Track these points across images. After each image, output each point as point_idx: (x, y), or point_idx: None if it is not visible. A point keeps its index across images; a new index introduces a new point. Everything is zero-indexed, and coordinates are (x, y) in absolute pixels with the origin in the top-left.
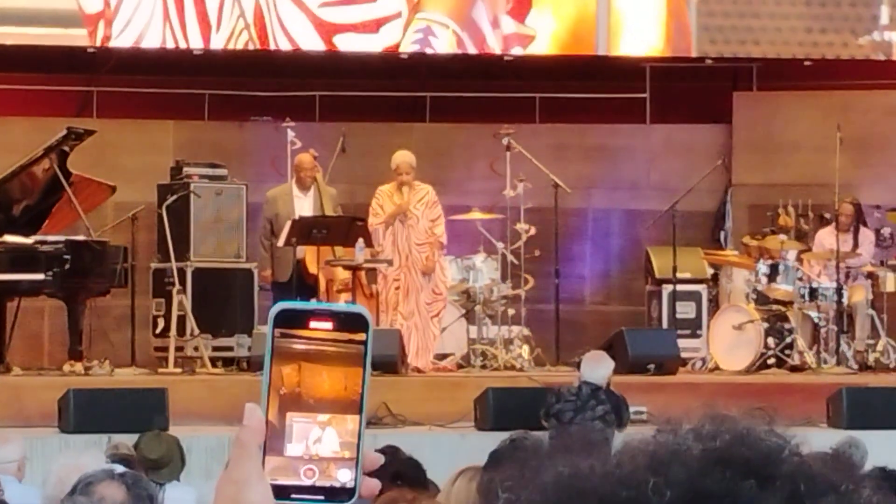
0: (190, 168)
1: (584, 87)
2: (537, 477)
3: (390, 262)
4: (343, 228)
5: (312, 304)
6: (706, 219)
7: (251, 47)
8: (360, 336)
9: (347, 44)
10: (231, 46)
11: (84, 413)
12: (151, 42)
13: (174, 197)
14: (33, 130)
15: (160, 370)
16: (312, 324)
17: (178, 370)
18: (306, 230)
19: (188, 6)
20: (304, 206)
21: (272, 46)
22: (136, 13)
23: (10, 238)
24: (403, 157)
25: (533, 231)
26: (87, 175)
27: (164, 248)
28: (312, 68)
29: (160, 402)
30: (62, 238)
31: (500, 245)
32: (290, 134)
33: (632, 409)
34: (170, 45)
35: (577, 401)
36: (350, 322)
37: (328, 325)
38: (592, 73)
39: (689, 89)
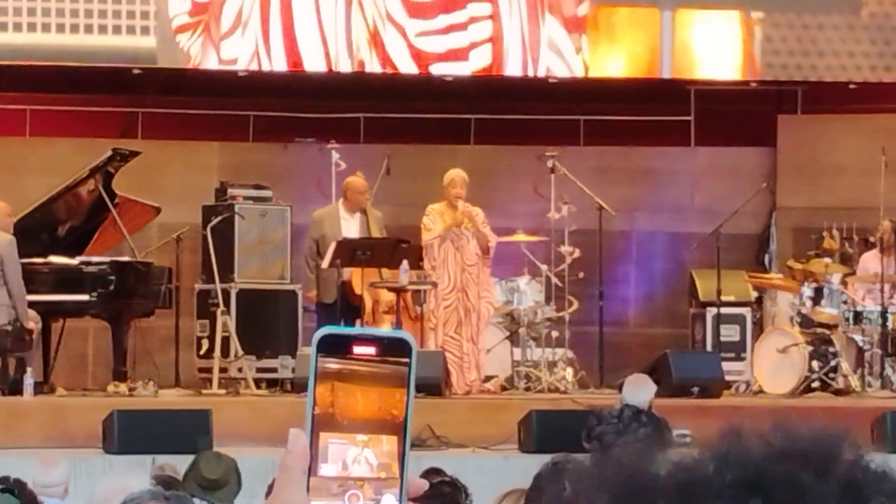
0: (234, 189)
1: (629, 110)
2: (598, 472)
3: (435, 284)
4: (388, 250)
5: (356, 330)
6: (751, 242)
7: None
8: (404, 361)
9: (442, 73)
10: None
11: (128, 434)
12: (241, 63)
13: (219, 218)
14: (79, 151)
15: (204, 391)
16: (356, 349)
17: (223, 391)
18: (351, 252)
19: (274, 29)
20: (351, 228)
21: (370, 70)
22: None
23: (55, 259)
24: (458, 173)
25: (577, 253)
26: (131, 196)
27: (209, 270)
28: (357, 90)
29: (204, 423)
30: (107, 259)
31: (544, 267)
32: (335, 155)
33: (675, 432)
34: (254, 66)
35: (618, 423)
36: (393, 347)
37: (371, 349)
38: (637, 95)
39: (733, 112)
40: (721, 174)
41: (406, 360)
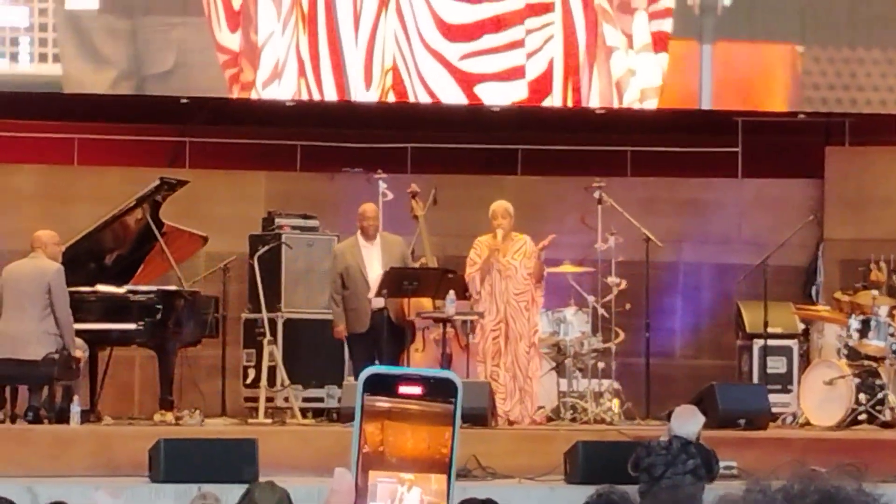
0: (281, 219)
1: (676, 141)
2: None
3: (481, 315)
4: (434, 281)
5: (401, 370)
6: (797, 273)
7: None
8: (450, 400)
9: (489, 93)
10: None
11: (174, 463)
12: (286, 93)
13: (266, 248)
14: (126, 180)
15: (250, 420)
16: (402, 388)
17: (269, 421)
18: (398, 282)
19: (324, 59)
20: (373, 255)
21: (412, 100)
22: (273, 67)
23: (102, 287)
24: (500, 203)
25: (624, 285)
26: (179, 225)
27: (256, 299)
28: (405, 120)
29: (250, 452)
30: (154, 288)
31: (590, 298)
32: (382, 185)
33: (721, 464)
34: (304, 96)
35: (667, 455)
36: (439, 387)
37: (417, 389)
38: (684, 126)
39: (781, 144)
40: (768, 206)
41: (452, 399)
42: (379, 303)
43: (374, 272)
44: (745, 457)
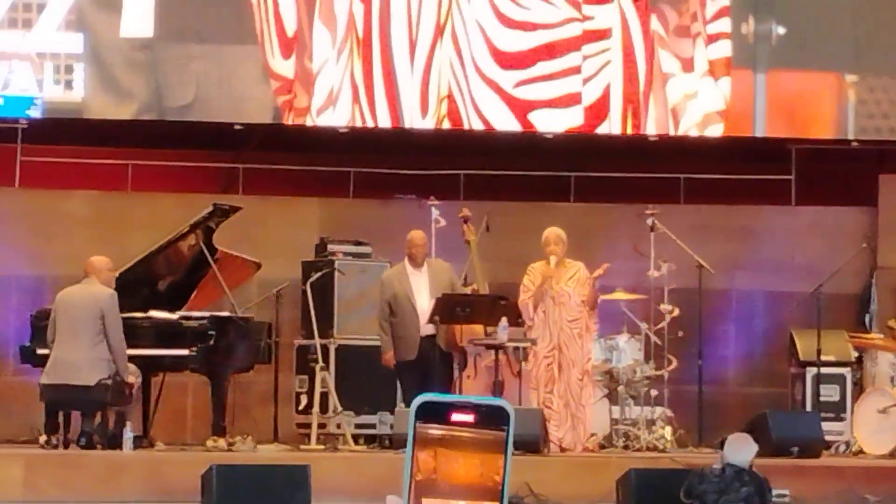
0: (334, 245)
1: (730, 168)
2: None
3: (534, 342)
4: (486, 307)
5: (454, 397)
6: (851, 301)
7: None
8: (502, 427)
9: (543, 120)
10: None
11: (227, 489)
12: (340, 120)
13: (318, 274)
14: (179, 206)
15: (302, 447)
16: (454, 416)
17: (321, 447)
18: (450, 308)
19: (378, 86)
20: (420, 282)
21: (466, 126)
22: (328, 94)
23: (155, 313)
24: (552, 230)
25: (676, 312)
26: (232, 251)
27: (308, 325)
28: (457, 147)
29: (303, 479)
30: (207, 314)
31: (643, 326)
32: (435, 212)
33: (774, 493)
34: (358, 123)
35: (720, 482)
36: (492, 415)
37: (470, 417)
38: (738, 153)
39: (834, 171)
40: (821, 233)
41: (504, 427)
42: (428, 329)
43: (422, 299)
44: (798, 485)
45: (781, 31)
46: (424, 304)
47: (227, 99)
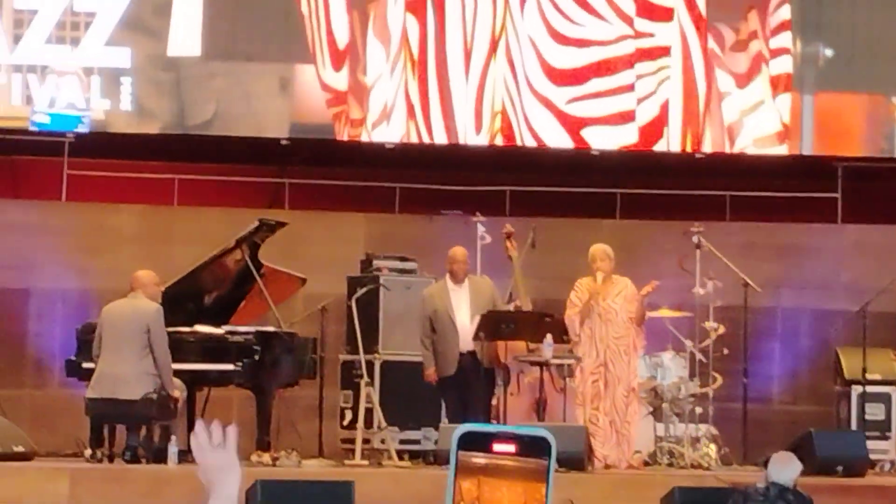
0: (380, 261)
1: (775, 186)
2: None
3: (579, 359)
4: (532, 324)
5: (495, 428)
6: None
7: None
8: (543, 457)
9: (596, 137)
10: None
11: None
12: (395, 135)
13: (364, 289)
14: (225, 221)
15: (347, 462)
16: (496, 446)
17: (365, 462)
18: (495, 325)
19: (433, 102)
20: (461, 298)
21: (518, 143)
22: (382, 109)
23: (201, 328)
24: (598, 247)
25: (722, 329)
26: (278, 266)
27: (353, 341)
28: (503, 163)
29: (347, 494)
30: (252, 329)
31: (688, 343)
32: (481, 228)
33: None
34: (413, 139)
35: (765, 501)
36: (533, 444)
37: (511, 447)
38: (784, 171)
39: (881, 189)
40: (868, 252)
41: (546, 456)
42: (467, 345)
43: (462, 316)
44: None
45: (829, 53)
46: (465, 320)
47: (246, 115)
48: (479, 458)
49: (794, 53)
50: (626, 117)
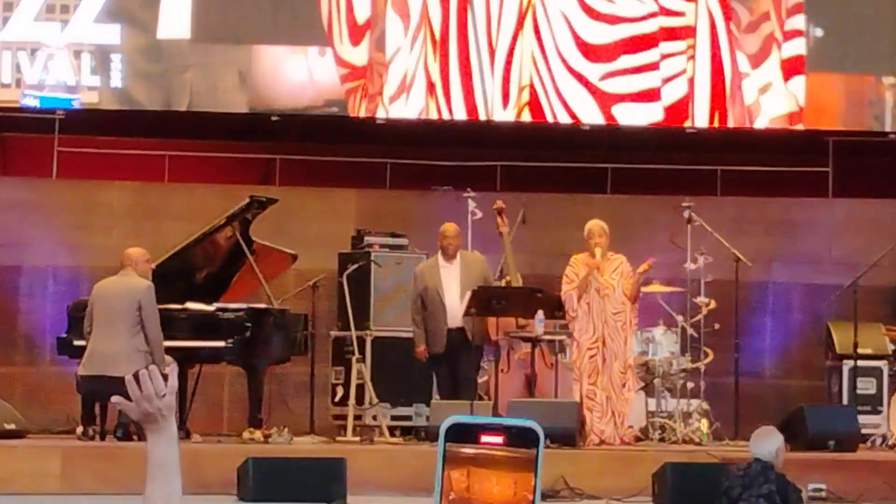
0: (371, 237)
1: (767, 161)
2: None
3: (570, 335)
4: (523, 300)
5: (483, 419)
6: (889, 294)
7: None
8: (532, 448)
9: (625, 114)
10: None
11: (263, 481)
12: (413, 110)
13: (355, 266)
14: (216, 197)
15: (338, 439)
16: (483, 438)
17: (357, 439)
18: (486, 301)
19: (454, 78)
20: (451, 275)
21: (549, 119)
22: (400, 83)
23: (192, 305)
24: (595, 223)
25: (713, 304)
26: (268, 243)
27: (345, 317)
28: (494, 138)
29: (339, 471)
30: (243, 306)
31: (679, 318)
32: (471, 204)
33: (811, 486)
34: (433, 115)
35: (745, 477)
36: (521, 436)
37: (499, 439)
38: (775, 146)
39: (872, 164)
40: (859, 226)
41: (534, 448)
42: (455, 322)
43: (452, 293)
44: (835, 479)
45: (819, 33)
46: (454, 296)
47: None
48: (467, 449)
49: None
50: (653, 95)
